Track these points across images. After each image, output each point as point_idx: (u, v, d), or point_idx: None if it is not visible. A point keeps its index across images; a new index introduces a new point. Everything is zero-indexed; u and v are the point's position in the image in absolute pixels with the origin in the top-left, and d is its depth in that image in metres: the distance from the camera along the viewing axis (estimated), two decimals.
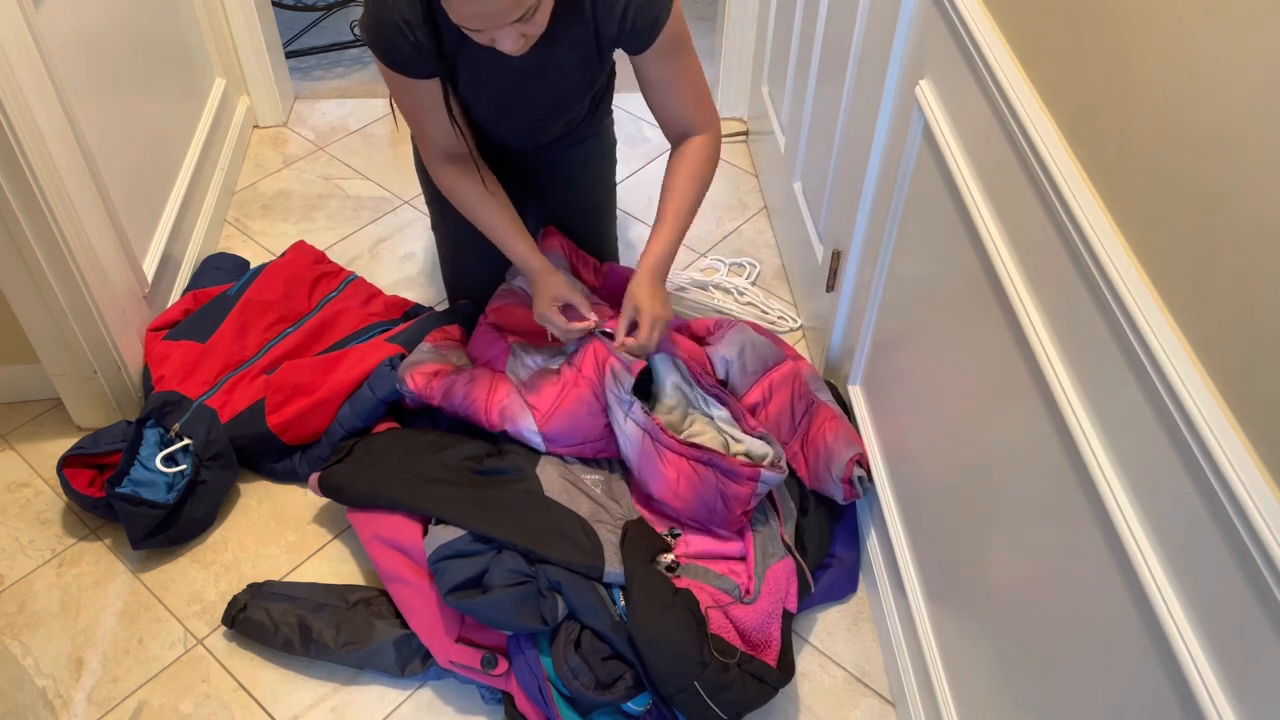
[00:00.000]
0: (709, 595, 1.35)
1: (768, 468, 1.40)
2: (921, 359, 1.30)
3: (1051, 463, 0.94)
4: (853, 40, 1.52)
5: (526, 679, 1.31)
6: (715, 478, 1.40)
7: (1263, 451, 0.66)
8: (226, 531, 1.59)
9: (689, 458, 1.42)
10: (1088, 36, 0.87)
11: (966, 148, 1.12)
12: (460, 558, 1.36)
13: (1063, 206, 0.89)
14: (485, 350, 1.65)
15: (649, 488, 1.46)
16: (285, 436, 1.60)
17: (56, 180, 1.45)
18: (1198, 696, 0.71)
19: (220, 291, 1.82)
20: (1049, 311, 0.94)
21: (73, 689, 1.40)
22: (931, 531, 1.28)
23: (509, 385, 1.56)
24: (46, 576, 1.53)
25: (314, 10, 2.86)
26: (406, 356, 1.63)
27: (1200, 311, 0.72)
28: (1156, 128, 0.77)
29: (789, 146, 2.01)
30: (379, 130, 2.48)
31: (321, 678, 1.41)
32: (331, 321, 1.81)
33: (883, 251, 1.42)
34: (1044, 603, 0.97)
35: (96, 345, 1.60)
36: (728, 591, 1.37)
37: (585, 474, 1.52)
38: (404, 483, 1.47)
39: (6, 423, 1.75)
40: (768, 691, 1.29)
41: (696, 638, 1.27)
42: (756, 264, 2.09)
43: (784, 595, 1.36)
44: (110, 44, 1.73)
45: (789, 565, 1.40)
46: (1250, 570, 0.66)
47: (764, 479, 1.39)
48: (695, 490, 1.41)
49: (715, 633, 1.30)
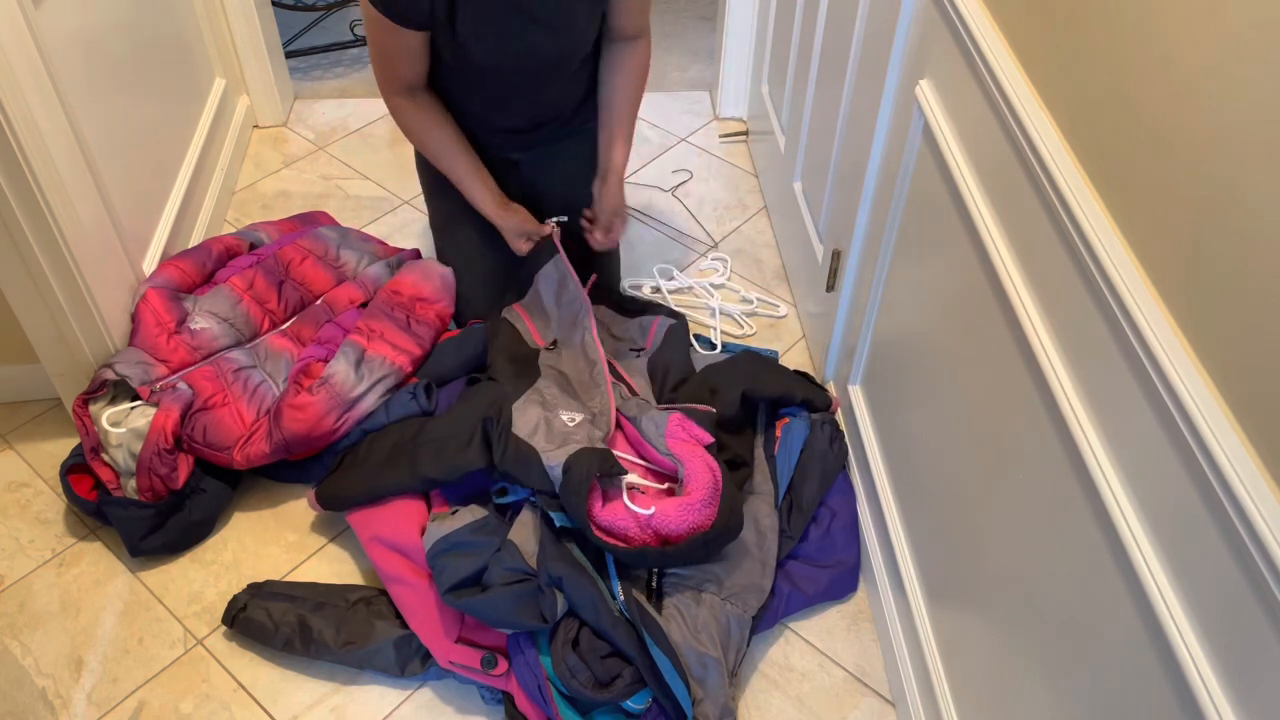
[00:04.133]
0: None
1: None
2: (921, 359, 1.30)
3: (1051, 462, 0.94)
4: (853, 40, 1.52)
5: (526, 679, 1.31)
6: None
7: (1262, 451, 0.66)
8: (226, 531, 1.59)
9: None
10: (1088, 36, 0.87)
11: (966, 148, 1.12)
12: (459, 551, 1.37)
13: (1063, 206, 0.89)
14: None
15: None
16: (292, 456, 1.61)
17: (56, 180, 1.45)
18: (1197, 696, 0.71)
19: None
20: (1049, 312, 0.94)
21: (73, 689, 1.40)
22: (931, 531, 1.28)
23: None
24: (46, 576, 1.53)
25: (314, 10, 2.86)
26: (430, 385, 1.64)
27: (1200, 311, 0.72)
28: (1156, 128, 0.77)
29: (789, 146, 2.01)
30: (379, 130, 2.48)
31: (321, 678, 1.41)
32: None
33: (883, 251, 1.42)
34: (1044, 602, 0.97)
35: (96, 345, 1.60)
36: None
37: (563, 413, 1.53)
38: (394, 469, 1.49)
39: (6, 423, 1.75)
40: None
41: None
42: (726, 259, 2.09)
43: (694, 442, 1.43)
44: (110, 44, 1.73)
45: (676, 418, 1.45)
46: (1250, 570, 0.66)
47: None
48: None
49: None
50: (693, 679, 1.29)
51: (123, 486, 1.53)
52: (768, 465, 1.57)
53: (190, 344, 1.62)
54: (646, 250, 2.11)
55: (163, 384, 1.56)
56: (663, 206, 2.24)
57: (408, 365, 1.65)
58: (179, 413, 1.52)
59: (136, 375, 1.55)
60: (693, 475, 1.38)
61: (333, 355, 1.63)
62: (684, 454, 1.41)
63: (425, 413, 1.60)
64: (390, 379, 1.62)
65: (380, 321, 1.68)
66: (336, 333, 1.69)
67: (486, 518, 1.43)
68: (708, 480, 1.37)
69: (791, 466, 1.56)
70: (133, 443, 1.50)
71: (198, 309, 1.67)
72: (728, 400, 1.56)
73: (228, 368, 1.62)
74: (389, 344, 1.65)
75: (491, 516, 1.44)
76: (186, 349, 1.62)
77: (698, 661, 1.30)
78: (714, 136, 2.47)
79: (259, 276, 1.75)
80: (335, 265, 1.85)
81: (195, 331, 1.64)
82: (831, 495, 1.57)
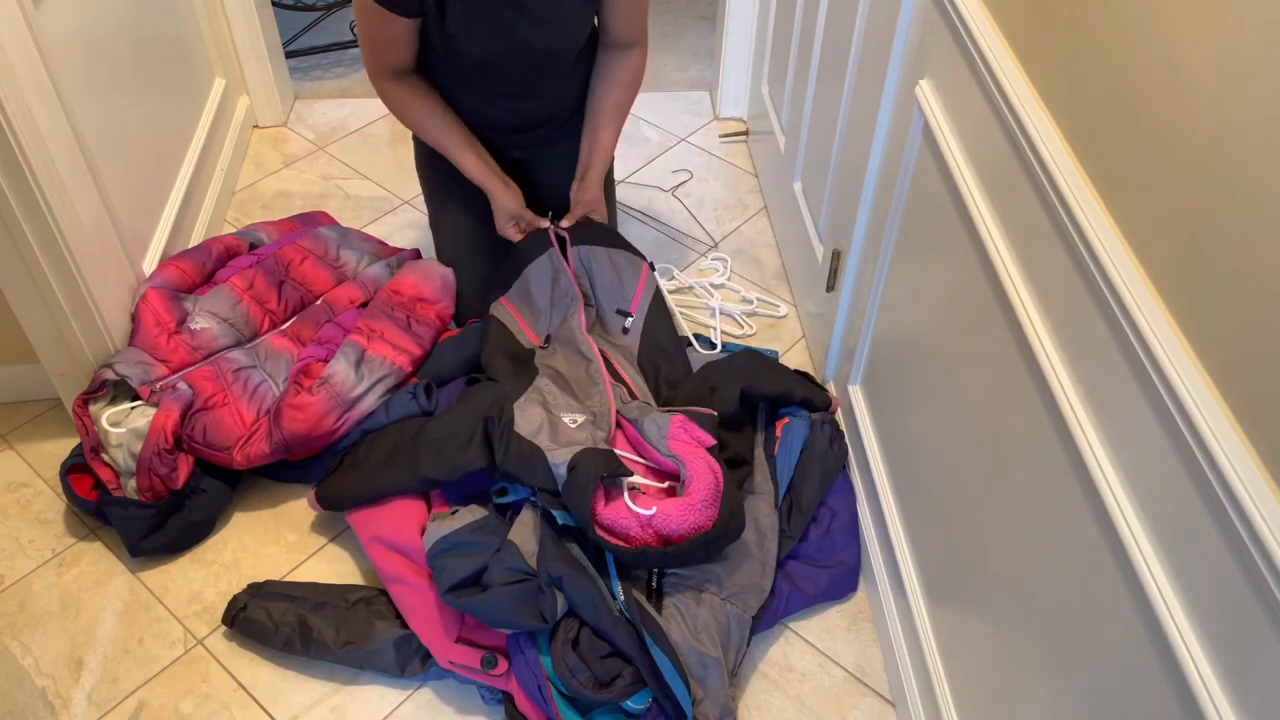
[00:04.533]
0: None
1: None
2: (921, 359, 1.30)
3: (1051, 462, 0.94)
4: (853, 40, 1.52)
5: (526, 678, 1.31)
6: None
7: (1262, 451, 0.66)
8: (226, 531, 1.59)
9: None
10: (1088, 36, 0.87)
11: (966, 148, 1.12)
12: (459, 551, 1.37)
13: (1063, 206, 0.89)
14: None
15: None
16: (292, 456, 1.60)
17: (56, 180, 1.45)
18: (1197, 696, 0.71)
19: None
20: (1049, 312, 0.94)
21: (73, 689, 1.40)
22: (931, 531, 1.28)
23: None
24: (46, 576, 1.53)
25: (314, 10, 2.86)
26: (431, 385, 1.64)
27: (1200, 311, 0.72)
28: (1156, 128, 0.77)
29: (789, 146, 2.01)
30: (379, 130, 2.48)
31: (321, 678, 1.41)
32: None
33: (883, 251, 1.42)
34: (1044, 602, 0.97)
35: (96, 345, 1.60)
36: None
37: (565, 414, 1.53)
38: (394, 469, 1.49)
39: (6, 423, 1.75)
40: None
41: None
42: (726, 259, 2.09)
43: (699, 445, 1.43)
44: (110, 44, 1.73)
45: (679, 420, 1.46)
46: (1250, 570, 0.66)
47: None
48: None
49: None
50: (693, 679, 1.29)
51: (123, 486, 1.53)
52: (768, 465, 1.57)
53: (190, 344, 1.62)
54: (646, 250, 2.11)
55: (163, 384, 1.56)
56: (662, 206, 2.24)
57: (408, 365, 1.65)
58: (179, 413, 1.52)
59: (136, 375, 1.55)
60: (694, 475, 1.37)
61: (333, 355, 1.63)
62: (685, 455, 1.41)
63: (425, 413, 1.60)
64: (390, 379, 1.63)
65: (380, 321, 1.68)
66: (336, 333, 1.69)
67: (486, 518, 1.43)
68: (709, 480, 1.37)
69: (791, 466, 1.56)
70: (133, 443, 1.50)
71: (198, 309, 1.67)
72: (727, 398, 1.56)
73: (228, 368, 1.62)
74: (389, 344, 1.65)
75: (491, 516, 1.44)
76: (186, 349, 1.62)
77: (698, 661, 1.30)
78: (714, 136, 2.47)
79: (259, 276, 1.75)
80: (335, 265, 1.85)
81: (195, 331, 1.64)
82: (831, 495, 1.57)
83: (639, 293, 1.73)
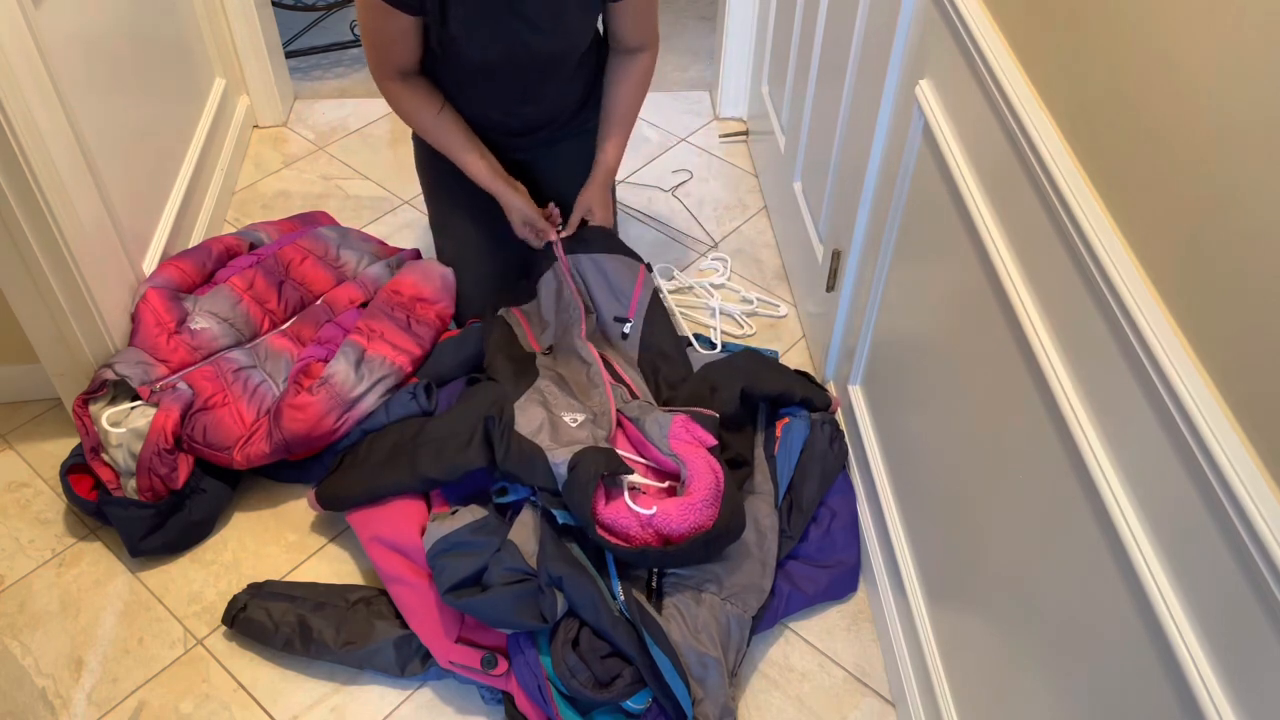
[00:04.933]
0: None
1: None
2: (921, 359, 1.30)
3: (1051, 462, 0.94)
4: (853, 40, 1.52)
5: (526, 679, 1.31)
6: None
7: (1262, 451, 0.66)
8: (226, 531, 1.59)
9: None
10: (1088, 36, 0.87)
11: (966, 148, 1.12)
12: (459, 551, 1.37)
13: (1063, 206, 0.89)
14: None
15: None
16: (292, 456, 1.60)
17: (56, 180, 1.45)
18: (1197, 696, 0.71)
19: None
20: (1049, 312, 0.94)
21: (72, 689, 1.40)
22: (931, 531, 1.28)
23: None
24: (46, 576, 1.53)
25: (314, 10, 2.86)
26: (431, 386, 1.64)
27: (1200, 311, 0.72)
28: (1156, 128, 0.77)
29: (789, 146, 2.01)
30: (379, 130, 2.48)
31: (321, 678, 1.41)
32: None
33: (883, 251, 1.42)
34: (1044, 602, 0.97)
35: (96, 345, 1.60)
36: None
37: (566, 414, 1.53)
38: (394, 469, 1.49)
39: (6, 423, 1.75)
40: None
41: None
42: (726, 259, 2.09)
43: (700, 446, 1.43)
44: (110, 44, 1.73)
45: (681, 419, 1.46)
46: (1250, 570, 0.66)
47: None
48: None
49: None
50: (693, 679, 1.29)
51: (123, 486, 1.53)
52: (768, 465, 1.57)
53: (190, 344, 1.62)
54: (646, 250, 2.11)
55: (163, 384, 1.56)
56: (662, 206, 2.24)
57: (408, 365, 1.65)
58: (179, 413, 1.52)
59: (136, 375, 1.55)
60: (695, 475, 1.38)
61: (333, 355, 1.63)
62: (686, 454, 1.41)
63: (425, 413, 1.60)
64: (390, 379, 1.63)
65: (380, 321, 1.68)
66: (336, 333, 1.69)
67: (486, 518, 1.43)
68: (710, 480, 1.37)
69: (791, 466, 1.56)
70: (133, 443, 1.50)
71: (198, 309, 1.67)
72: (727, 397, 1.56)
73: (228, 368, 1.62)
74: (389, 344, 1.65)
75: (491, 516, 1.44)
76: (186, 349, 1.62)
77: (698, 661, 1.30)
78: (714, 136, 2.47)
79: (259, 276, 1.75)
80: (335, 265, 1.85)
81: (195, 331, 1.64)
82: (831, 495, 1.57)
83: (635, 297, 1.73)
